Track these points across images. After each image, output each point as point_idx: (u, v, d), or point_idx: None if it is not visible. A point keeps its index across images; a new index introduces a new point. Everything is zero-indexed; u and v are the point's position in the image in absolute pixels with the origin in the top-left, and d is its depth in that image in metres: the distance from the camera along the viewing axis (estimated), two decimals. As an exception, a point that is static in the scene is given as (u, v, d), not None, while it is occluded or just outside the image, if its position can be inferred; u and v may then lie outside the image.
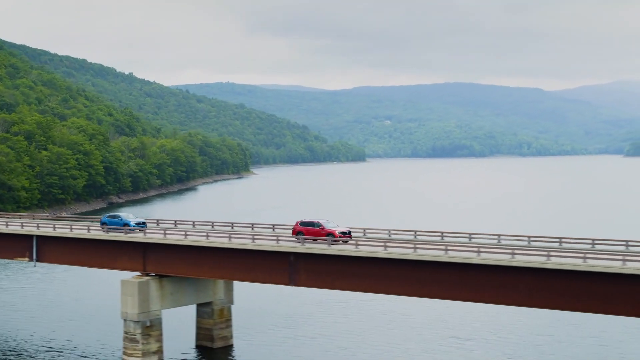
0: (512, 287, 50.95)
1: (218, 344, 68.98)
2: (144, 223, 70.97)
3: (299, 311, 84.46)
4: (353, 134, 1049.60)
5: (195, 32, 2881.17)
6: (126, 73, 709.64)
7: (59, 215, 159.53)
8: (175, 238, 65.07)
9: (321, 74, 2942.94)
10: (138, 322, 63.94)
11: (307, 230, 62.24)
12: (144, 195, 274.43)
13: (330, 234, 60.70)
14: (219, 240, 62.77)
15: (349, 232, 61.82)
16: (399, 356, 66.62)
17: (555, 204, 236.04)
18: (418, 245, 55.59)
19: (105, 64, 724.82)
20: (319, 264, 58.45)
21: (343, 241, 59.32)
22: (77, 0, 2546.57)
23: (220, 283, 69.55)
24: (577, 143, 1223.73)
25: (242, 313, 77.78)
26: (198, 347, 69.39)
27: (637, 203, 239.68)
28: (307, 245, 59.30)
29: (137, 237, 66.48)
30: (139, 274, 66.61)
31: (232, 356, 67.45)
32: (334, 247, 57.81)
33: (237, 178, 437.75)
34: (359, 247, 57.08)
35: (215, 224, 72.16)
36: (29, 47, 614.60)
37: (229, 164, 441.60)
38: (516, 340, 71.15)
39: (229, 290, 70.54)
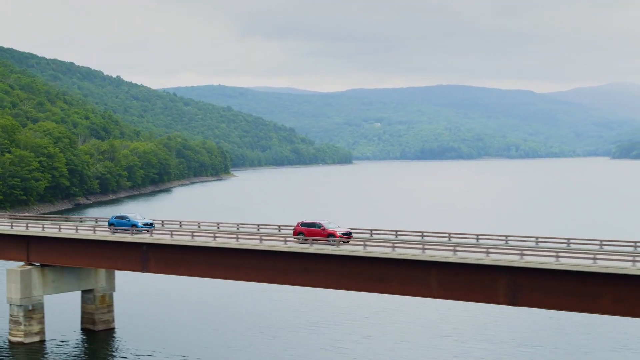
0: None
1: (100, 327, 77.00)
2: (151, 224, 72.35)
3: (182, 300, 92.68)
4: (342, 136, 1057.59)
5: (189, 36, 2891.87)
6: (114, 76, 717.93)
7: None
8: (51, 231, 73.17)
9: (315, 77, 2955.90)
10: (20, 306, 72.09)
11: (307, 231, 63.10)
12: (114, 197, 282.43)
13: (331, 234, 61.62)
14: (103, 235, 70.85)
15: (350, 233, 62.57)
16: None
17: (527, 205, 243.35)
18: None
19: (94, 67, 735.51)
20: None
21: (344, 241, 59.98)
22: (70, 3, 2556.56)
23: (102, 272, 77.55)
24: (566, 145, 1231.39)
25: (126, 300, 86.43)
26: (82, 329, 77.35)
27: (606, 203, 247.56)
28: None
29: (20, 231, 74.53)
30: (23, 263, 74.76)
31: (112, 338, 75.38)
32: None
33: (216, 180, 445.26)
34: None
35: (98, 219, 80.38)
36: (16, 50, 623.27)
37: (208, 166, 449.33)
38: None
39: (111, 279, 78.54)
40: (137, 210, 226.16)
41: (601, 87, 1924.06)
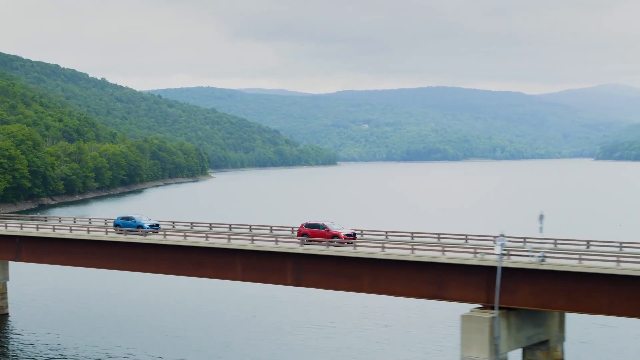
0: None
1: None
2: (157, 225, 73.13)
3: (76, 289, 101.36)
4: (330, 137, 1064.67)
5: (180, 38, 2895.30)
6: (99, 78, 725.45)
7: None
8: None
9: (306, 79, 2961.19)
10: None
11: (312, 232, 63.32)
12: (80, 197, 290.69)
13: (336, 235, 61.74)
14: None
15: (354, 234, 62.75)
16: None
17: (487, 206, 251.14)
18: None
19: (83, 70, 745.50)
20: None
21: (348, 243, 60.43)
22: (62, 6, 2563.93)
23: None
24: (553, 146, 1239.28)
25: (24, 289, 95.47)
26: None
27: (568, 202, 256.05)
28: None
29: None
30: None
31: (4, 323, 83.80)
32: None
33: (192, 181, 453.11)
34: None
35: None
36: (0, 52, 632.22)
37: (184, 167, 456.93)
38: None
39: (4, 269, 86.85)
40: (93, 210, 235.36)
41: (591, 88, 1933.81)
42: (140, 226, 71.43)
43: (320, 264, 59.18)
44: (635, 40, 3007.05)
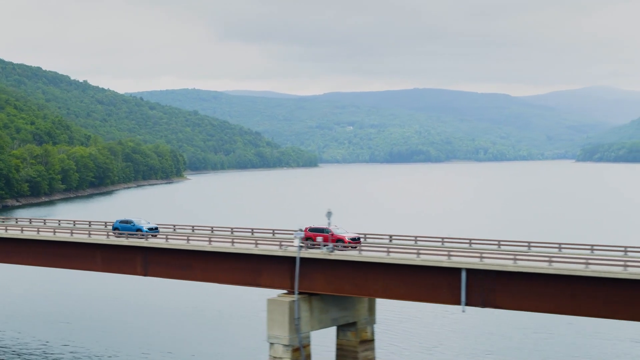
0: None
1: None
2: (156, 228, 73.30)
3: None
4: (314, 139, 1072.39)
5: (168, 40, 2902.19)
6: (80, 81, 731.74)
7: None
8: None
9: (294, 81, 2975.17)
10: None
11: (316, 236, 63.23)
12: (47, 199, 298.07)
13: (340, 240, 62.03)
14: None
15: (358, 238, 63.09)
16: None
17: (447, 208, 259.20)
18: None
19: (64, 72, 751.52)
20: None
21: (352, 247, 61.01)
22: (48, 8, 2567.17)
23: None
24: (537, 148, 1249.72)
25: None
26: None
27: (536, 203, 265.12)
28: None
29: None
30: None
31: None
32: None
33: (166, 183, 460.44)
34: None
35: None
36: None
37: (158, 169, 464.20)
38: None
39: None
40: (57, 211, 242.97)
41: (576, 90, 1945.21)
42: (139, 229, 71.93)
43: (164, 256, 67.37)
44: (621, 43, 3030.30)
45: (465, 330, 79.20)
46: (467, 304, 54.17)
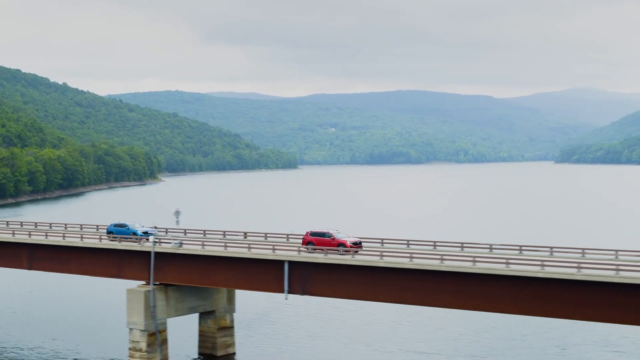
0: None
1: None
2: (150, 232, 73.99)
3: None
4: (295, 141, 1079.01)
5: (151, 42, 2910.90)
6: (60, 83, 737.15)
7: None
8: None
9: (279, 83, 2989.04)
10: None
11: (317, 240, 63.65)
12: (13, 201, 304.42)
13: (342, 244, 62.21)
14: None
15: (360, 243, 63.31)
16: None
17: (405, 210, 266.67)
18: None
19: (44, 75, 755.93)
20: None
21: (354, 251, 61.31)
22: (31, 10, 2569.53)
23: None
24: (518, 150, 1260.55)
25: None
26: None
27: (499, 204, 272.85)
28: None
29: None
30: None
31: None
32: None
33: (139, 185, 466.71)
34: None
35: None
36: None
37: (130, 171, 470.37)
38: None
39: None
40: (24, 212, 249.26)
41: (560, 92, 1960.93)
42: (134, 233, 72.51)
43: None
44: (606, 45, 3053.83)
45: (304, 315, 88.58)
46: (289, 292, 61.44)
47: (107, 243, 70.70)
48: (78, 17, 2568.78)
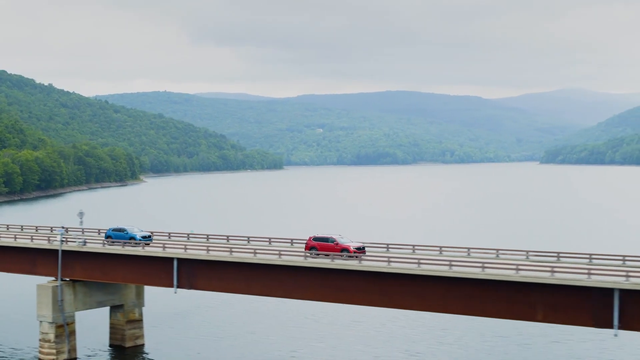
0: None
1: None
2: (149, 237, 73.85)
3: None
4: (283, 142, 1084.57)
5: (142, 43, 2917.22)
6: (46, 84, 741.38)
7: None
8: None
9: (270, 83, 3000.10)
10: None
11: (320, 245, 63.68)
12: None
13: (345, 249, 62.17)
14: None
15: (363, 248, 63.29)
16: None
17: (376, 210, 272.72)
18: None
19: (30, 76, 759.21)
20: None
21: (357, 256, 60.87)
22: (20, 11, 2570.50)
23: None
24: (506, 150, 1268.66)
25: None
26: None
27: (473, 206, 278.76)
28: None
29: None
30: None
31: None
32: None
33: (120, 186, 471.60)
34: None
35: None
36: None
37: (111, 172, 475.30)
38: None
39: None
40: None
41: (549, 93, 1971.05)
42: (133, 238, 72.32)
43: None
44: (595, 46, 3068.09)
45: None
46: (178, 287, 67.17)
47: (21, 242, 76.28)
48: (68, 18, 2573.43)
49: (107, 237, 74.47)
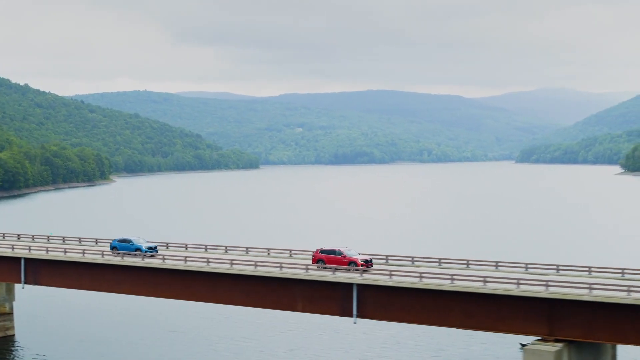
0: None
1: None
2: (155, 248, 73.26)
3: None
4: (262, 141, 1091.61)
5: (122, 42, 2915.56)
6: (21, 84, 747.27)
7: None
8: None
9: (252, 83, 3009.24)
10: None
11: (327, 258, 63.51)
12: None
13: (353, 262, 62.09)
14: None
15: (371, 260, 63.12)
16: None
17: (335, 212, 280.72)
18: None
19: (6, 75, 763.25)
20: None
21: (364, 270, 60.71)
22: (6, 10, 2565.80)
23: None
24: (484, 149, 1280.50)
25: None
26: None
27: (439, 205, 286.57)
28: None
29: None
30: None
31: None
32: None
33: (88, 186, 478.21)
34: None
35: None
36: None
37: (79, 172, 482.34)
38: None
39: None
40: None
41: (530, 92, 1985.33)
42: (139, 249, 72.11)
43: None
44: (576, 45, 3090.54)
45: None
46: (25, 283, 75.82)
47: None
48: (50, 18, 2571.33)
49: (113, 247, 74.26)
